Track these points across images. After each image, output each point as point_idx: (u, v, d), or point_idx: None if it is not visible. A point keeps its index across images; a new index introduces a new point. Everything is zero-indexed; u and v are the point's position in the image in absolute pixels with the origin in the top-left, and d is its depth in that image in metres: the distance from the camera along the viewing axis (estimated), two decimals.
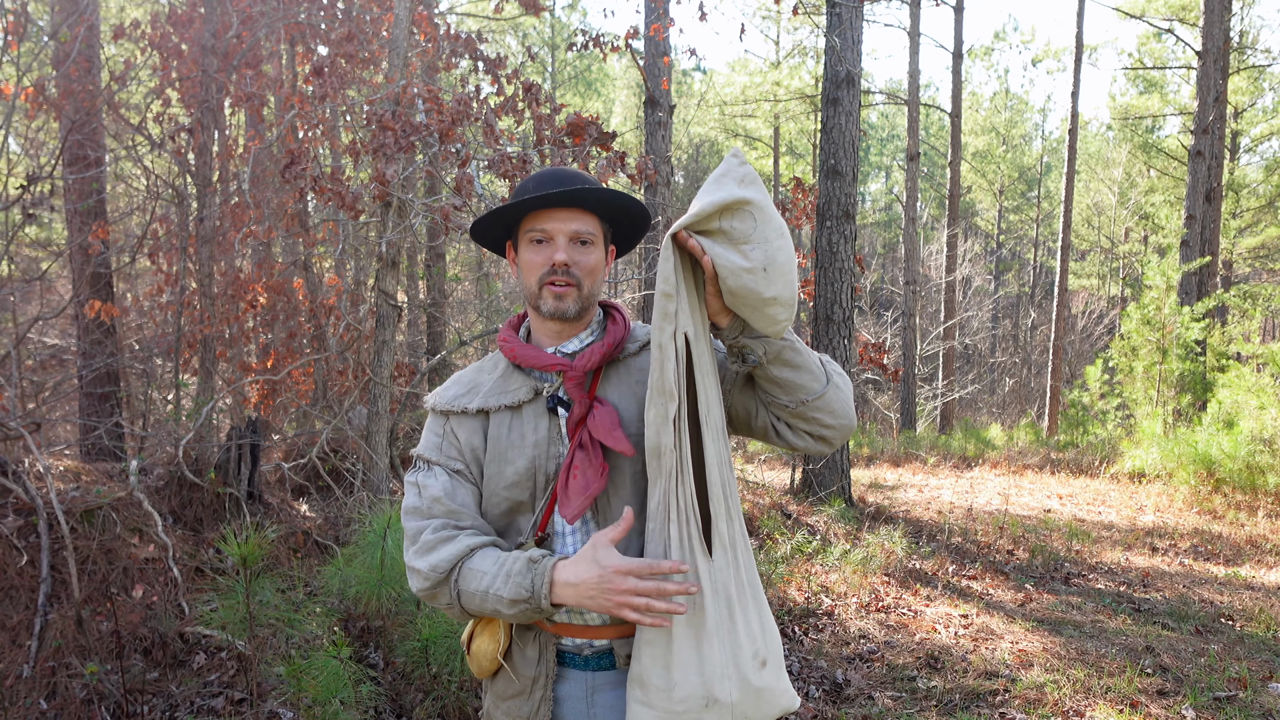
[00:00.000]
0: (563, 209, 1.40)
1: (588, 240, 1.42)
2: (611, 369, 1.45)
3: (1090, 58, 26.74)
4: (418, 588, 1.36)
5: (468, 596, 1.32)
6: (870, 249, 30.58)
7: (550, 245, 1.40)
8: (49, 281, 9.60)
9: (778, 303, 1.26)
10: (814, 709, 3.47)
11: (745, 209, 1.24)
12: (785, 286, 1.26)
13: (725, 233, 1.25)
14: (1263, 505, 7.40)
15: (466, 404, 1.45)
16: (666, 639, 1.29)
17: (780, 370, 1.34)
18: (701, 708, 1.28)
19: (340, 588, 3.48)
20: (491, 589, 1.29)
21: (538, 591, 1.26)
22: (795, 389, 1.36)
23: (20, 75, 5.35)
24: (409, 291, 10.89)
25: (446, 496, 1.40)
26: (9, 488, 3.54)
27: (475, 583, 1.31)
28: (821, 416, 1.38)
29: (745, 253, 1.24)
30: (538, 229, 1.40)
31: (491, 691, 1.50)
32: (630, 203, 1.44)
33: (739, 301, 1.27)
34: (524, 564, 1.29)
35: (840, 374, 1.43)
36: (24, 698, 2.91)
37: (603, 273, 1.46)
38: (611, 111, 25.30)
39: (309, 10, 6.71)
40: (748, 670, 1.32)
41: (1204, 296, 11.63)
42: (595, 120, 5.01)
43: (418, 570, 1.35)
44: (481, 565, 1.32)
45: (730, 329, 1.34)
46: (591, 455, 1.35)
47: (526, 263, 1.42)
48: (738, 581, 1.36)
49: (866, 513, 7.01)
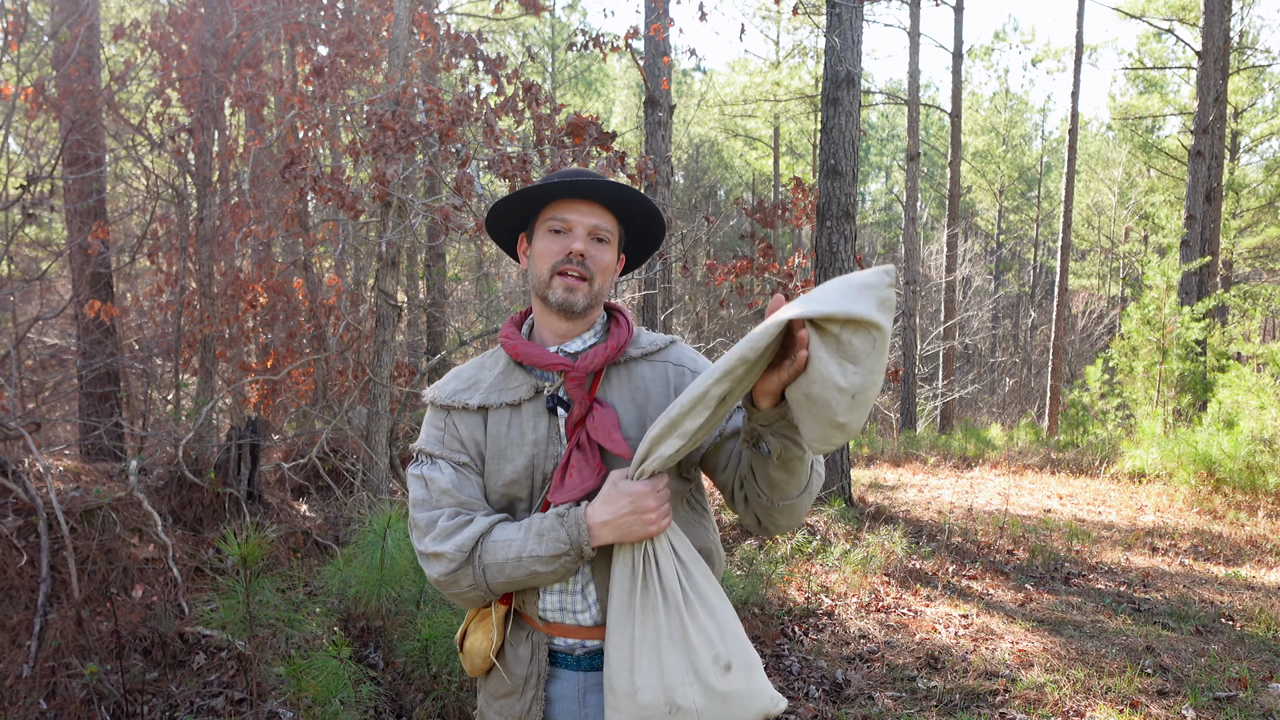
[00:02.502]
0: (586, 202, 1.40)
1: (605, 238, 1.42)
2: (613, 371, 1.45)
3: (1090, 58, 26.74)
4: (440, 572, 1.35)
5: (495, 569, 1.32)
6: (870, 249, 30.57)
7: (568, 235, 1.40)
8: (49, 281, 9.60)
9: (844, 430, 1.20)
10: (814, 709, 3.47)
11: (872, 332, 1.16)
12: (858, 420, 1.21)
13: (838, 341, 1.15)
14: (1263, 505, 7.40)
15: (467, 400, 1.45)
16: (630, 644, 1.30)
17: (778, 471, 1.32)
18: (665, 714, 1.28)
19: (340, 588, 3.48)
20: (525, 551, 1.31)
21: (577, 539, 1.29)
22: (778, 489, 1.35)
23: (20, 75, 5.35)
24: (409, 291, 10.89)
25: (454, 489, 1.40)
26: (9, 488, 3.54)
27: (504, 551, 1.32)
28: (779, 518, 1.39)
29: (846, 371, 1.16)
30: (558, 218, 1.40)
31: (484, 690, 1.50)
32: (650, 208, 1.45)
33: (808, 408, 1.20)
34: (553, 520, 1.31)
35: (819, 478, 1.41)
36: (24, 698, 2.91)
37: (612, 275, 1.46)
38: (611, 111, 25.29)
39: (309, 10, 6.70)
40: (709, 676, 1.31)
41: (1204, 296, 11.63)
42: (595, 120, 5.01)
43: (442, 554, 1.34)
44: (505, 535, 1.33)
45: (767, 415, 1.25)
46: (588, 456, 1.35)
47: (541, 251, 1.42)
48: (686, 589, 1.36)
49: (866, 513, 7.01)
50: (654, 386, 1.45)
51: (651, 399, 1.44)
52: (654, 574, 1.33)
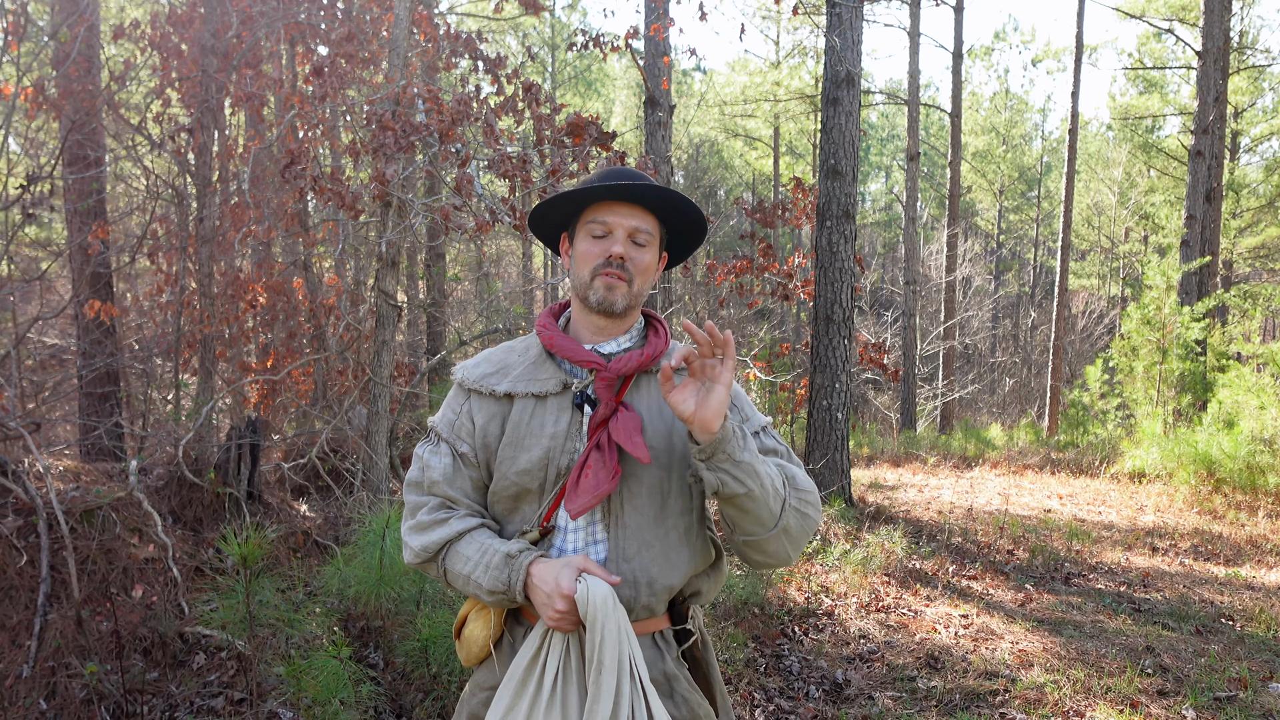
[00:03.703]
0: (625, 205, 1.41)
1: (644, 241, 1.43)
2: (643, 379, 1.46)
3: (1090, 58, 26.74)
4: (408, 561, 1.44)
5: (453, 576, 1.40)
6: (870, 249, 30.57)
7: (609, 239, 1.41)
8: (49, 281, 9.60)
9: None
10: (814, 709, 3.47)
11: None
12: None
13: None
14: (1263, 505, 7.40)
15: (494, 385, 1.45)
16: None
17: (728, 508, 1.33)
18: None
19: (340, 588, 3.48)
20: (473, 575, 1.36)
21: (513, 586, 1.32)
22: (736, 526, 1.36)
23: (20, 75, 5.35)
24: (409, 291, 10.89)
25: (445, 482, 1.44)
26: (9, 488, 3.54)
27: (460, 566, 1.38)
28: (752, 554, 1.39)
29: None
30: (599, 221, 1.41)
31: (473, 680, 1.50)
32: (692, 209, 1.45)
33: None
34: (502, 558, 1.34)
35: (798, 515, 1.38)
36: (24, 698, 2.91)
37: (653, 276, 1.47)
38: (611, 111, 25.29)
39: (309, 10, 6.70)
40: None
41: (1204, 296, 11.62)
42: (595, 120, 5.01)
43: (410, 547, 1.43)
44: (466, 550, 1.38)
45: (703, 449, 1.26)
46: (606, 457, 1.35)
47: (583, 253, 1.43)
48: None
49: (866, 513, 7.01)
50: None
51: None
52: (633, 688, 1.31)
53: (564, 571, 1.29)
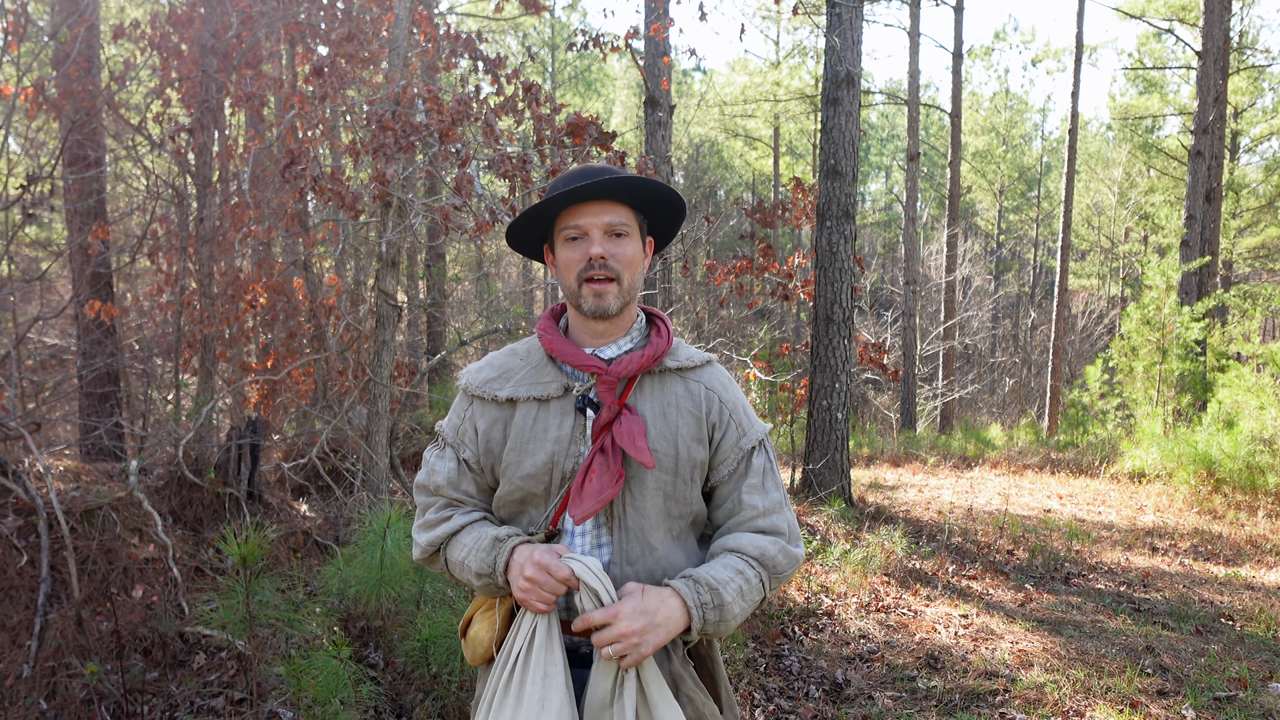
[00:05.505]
0: (593, 203, 1.39)
1: (623, 232, 1.40)
2: (646, 380, 1.45)
3: (1090, 58, 26.75)
4: (416, 557, 1.51)
5: (453, 564, 1.45)
6: (870, 249, 30.58)
7: (585, 241, 1.39)
8: (49, 281, 9.60)
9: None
10: (814, 709, 3.47)
11: None
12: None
13: None
14: (1263, 505, 7.40)
15: (496, 391, 1.46)
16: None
17: None
18: None
19: (340, 588, 3.48)
20: (466, 561, 1.40)
21: (496, 567, 1.36)
22: None
23: (20, 75, 5.35)
24: (409, 291, 10.88)
25: (449, 485, 1.48)
26: (9, 488, 3.54)
27: (457, 553, 1.43)
28: None
29: None
30: (571, 226, 1.40)
31: (482, 679, 1.50)
32: (660, 189, 1.42)
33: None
34: (490, 541, 1.39)
35: (779, 579, 1.43)
36: (24, 698, 2.91)
37: (642, 266, 1.45)
38: (611, 111, 25.29)
39: (309, 10, 6.70)
40: None
41: (1204, 296, 11.63)
42: (595, 120, 5.01)
43: (417, 543, 1.50)
44: (465, 539, 1.44)
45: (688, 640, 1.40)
46: (610, 461, 1.35)
47: (565, 261, 1.42)
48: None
49: (866, 513, 7.01)
50: (685, 404, 1.45)
51: (682, 416, 1.43)
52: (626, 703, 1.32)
53: (541, 549, 1.34)
